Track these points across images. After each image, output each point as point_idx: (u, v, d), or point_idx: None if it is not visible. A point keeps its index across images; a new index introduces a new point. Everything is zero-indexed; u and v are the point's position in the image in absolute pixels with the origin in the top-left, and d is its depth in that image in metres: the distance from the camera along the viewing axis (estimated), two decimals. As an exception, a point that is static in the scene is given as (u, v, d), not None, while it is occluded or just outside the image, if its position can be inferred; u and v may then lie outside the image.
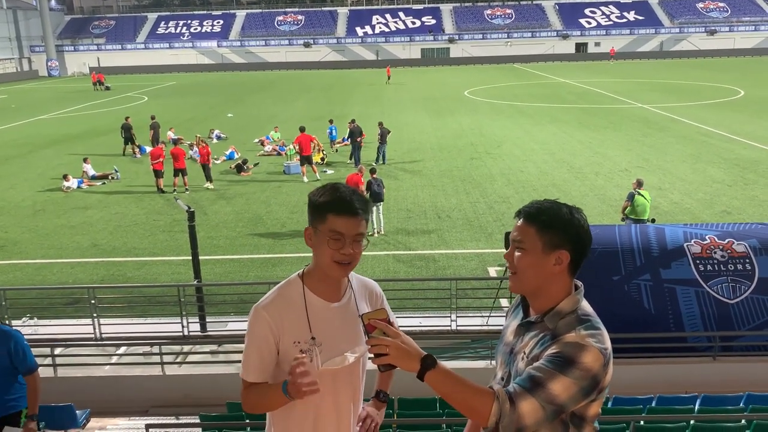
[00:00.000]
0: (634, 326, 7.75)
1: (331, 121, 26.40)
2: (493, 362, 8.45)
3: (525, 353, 2.23)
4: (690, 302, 7.86)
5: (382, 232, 14.96)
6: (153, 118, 26.56)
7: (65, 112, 40.78)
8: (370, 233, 14.84)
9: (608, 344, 2.14)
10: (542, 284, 2.25)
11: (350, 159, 22.75)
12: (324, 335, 2.48)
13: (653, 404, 6.56)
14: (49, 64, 75.85)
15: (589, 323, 2.16)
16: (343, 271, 2.45)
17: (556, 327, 2.18)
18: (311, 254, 2.52)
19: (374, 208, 14.94)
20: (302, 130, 20.64)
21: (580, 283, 2.32)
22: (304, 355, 2.33)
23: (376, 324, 2.17)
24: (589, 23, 79.15)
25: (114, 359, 9.33)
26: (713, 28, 76.15)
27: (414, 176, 20.46)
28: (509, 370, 2.31)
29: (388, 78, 54.95)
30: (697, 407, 6.49)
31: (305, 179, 20.34)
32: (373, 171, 15.66)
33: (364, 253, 2.49)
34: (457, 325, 9.74)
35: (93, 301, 9.66)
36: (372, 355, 2.16)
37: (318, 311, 2.50)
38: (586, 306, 2.26)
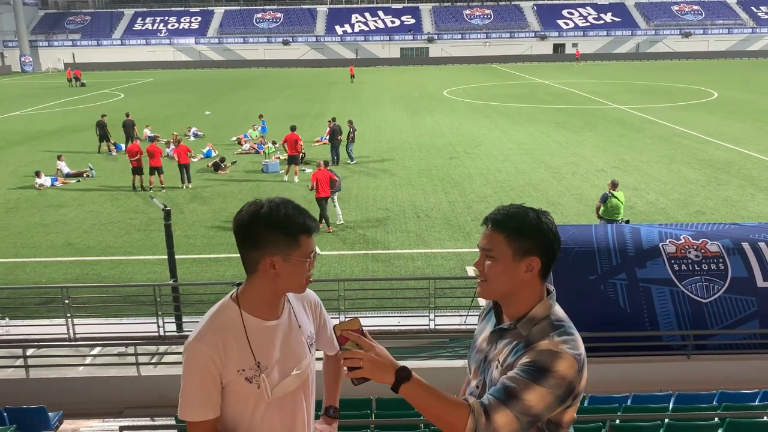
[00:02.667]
0: (610, 325, 7.82)
1: (260, 116, 27.10)
2: (471, 361, 8.47)
3: (499, 361, 2.21)
4: (665, 301, 7.95)
5: (342, 222, 15.53)
6: (127, 115, 26.24)
7: (39, 108, 40.12)
8: (339, 223, 15.54)
9: (582, 350, 2.12)
10: (514, 291, 2.22)
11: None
12: (269, 358, 2.34)
13: (629, 403, 6.62)
14: (22, 59, 74.55)
15: (562, 329, 2.14)
16: (307, 284, 2.37)
17: (529, 334, 2.16)
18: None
19: (334, 198, 15.53)
20: (292, 129, 20.53)
21: (552, 288, 2.30)
22: None
23: (349, 335, 2.10)
24: (567, 24, 79.83)
25: (88, 360, 9.20)
26: (688, 30, 77.28)
27: (393, 175, 20.46)
28: (484, 378, 2.29)
29: (352, 77, 54.83)
30: (671, 405, 6.57)
31: (286, 178, 20.24)
32: (326, 164, 15.92)
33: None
34: (435, 325, 9.76)
35: (67, 301, 9.51)
36: (344, 369, 2.09)
37: (259, 333, 2.34)
38: (558, 311, 2.24)
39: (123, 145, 24.66)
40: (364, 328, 2.16)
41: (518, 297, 2.23)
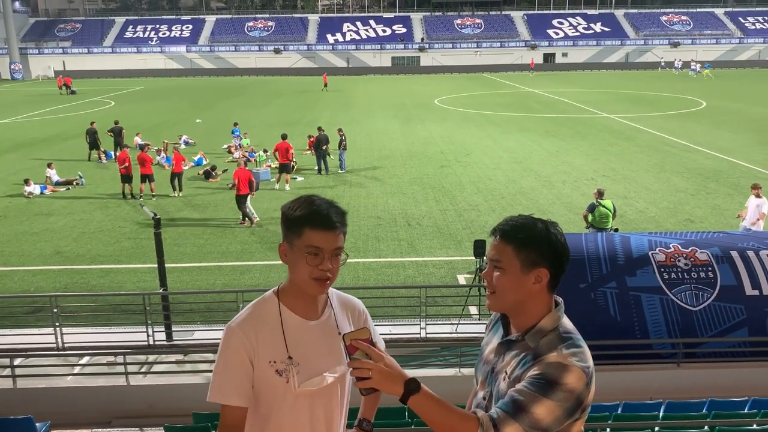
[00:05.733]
0: (601, 333, 7.83)
1: (235, 124, 27.53)
2: (463, 370, 8.43)
3: (506, 373, 2.19)
4: (655, 309, 7.98)
5: (258, 219, 16.44)
6: (116, 123, 26.20)
7: (29, 115, 39.91)
8: (248, 225, 16.29)
9: (590, 362, 2.11)
10: (522, 302, 2.20)
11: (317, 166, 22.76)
12: (302, 355, 2.36)
13: (619, 411, 6.63)
14: (12, 67, 74.21)
15: (570, 341, 2.13)
16: (321, 288, 2.33)
17: (537, 346, 2.14)
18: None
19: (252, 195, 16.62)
20: (284, 137, 20.51)
21: (560, 299, 2.28)
22: None
23: (358, 345, 2.10)
24: (557, 34, 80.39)
25: (76, 369, 9.12)
26: (676, 40, 78.00)
27: (384, 184, 20.48)
28: (491, 390, 2.27)
29: (325, 85, 54.69)
30: (661, 414, 6.58)
31: (277, 186, 20.23)
32: (246, 163, 17.07)
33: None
34: (426, 333, 9.75)
35: (55, 310, 9.43)
36: (353, 378, 2.08)
37: (295, 330, 2.38)
38: (567, 323, 2.23)
39: (113, 153, 24.57)
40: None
41: (526, 309, 2.21)
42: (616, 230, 12.91)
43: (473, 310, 10.93)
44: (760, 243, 8.58)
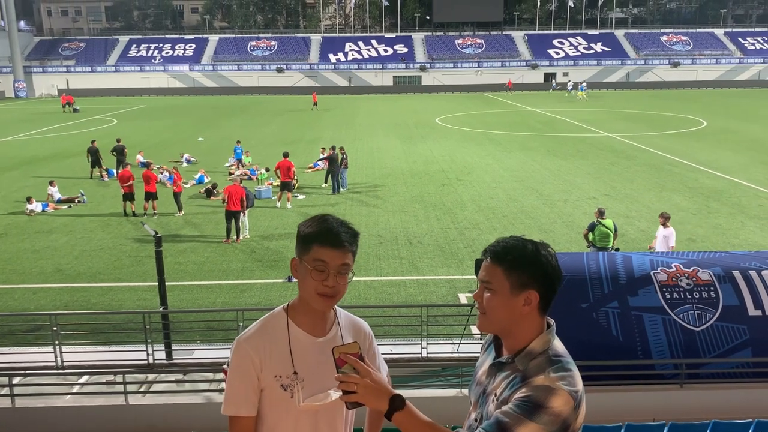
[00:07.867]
0: (603, 354, 7.78)
1: (238, 142, 27.68)
2: (464, 391, 8.37)
3: (496, 395, 2.18)
4: (657, 330, 7.92)
5: (248, 237, 16.74)
6: (118, 141, 26.31)
7: (32, 133, 40.10)
8: (234, 239, 16.45)
9: (580, 386, 2.09)
10: (512, 324, 2.20)
11: (325, 183, 22.85)
12: (307, 371, 2.41)
13: (622, 432, 6.56)
14: (16, 85, 74.67)
15: (559, 364, 2.12)
16: (326, 303, 2.38)
17: (526, 368, 2.13)
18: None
19: (246, 213, 16.90)
20: (285, 156, 20.58)
21: (552, 321, 2.28)
22: None
23: (347, 359, 2.12)
24: (558, 54, 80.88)
25: (75, 388, 9.06)
26: (677, 60, 78.45)
27: (385, 202, 20.49)
28: (482, 412, 2.26)
29: (314, 104, 54.76)
30: (665, 435, 6.52)
31: (278, 204, 20.24)
32: (241, 181, 17.59)
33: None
34: (427, 353, 9.69)
35: (55, 328, 9.39)
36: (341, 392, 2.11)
37: (302, 346, 2.42)
38: (557, 345, 2.21)
39: (115, 171, 24.65)
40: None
41: (516, 330, 2.21)
42: (617, 250, 12.88)
43: (475, 329, 10.87)
44: (763, 263, 8.54)
